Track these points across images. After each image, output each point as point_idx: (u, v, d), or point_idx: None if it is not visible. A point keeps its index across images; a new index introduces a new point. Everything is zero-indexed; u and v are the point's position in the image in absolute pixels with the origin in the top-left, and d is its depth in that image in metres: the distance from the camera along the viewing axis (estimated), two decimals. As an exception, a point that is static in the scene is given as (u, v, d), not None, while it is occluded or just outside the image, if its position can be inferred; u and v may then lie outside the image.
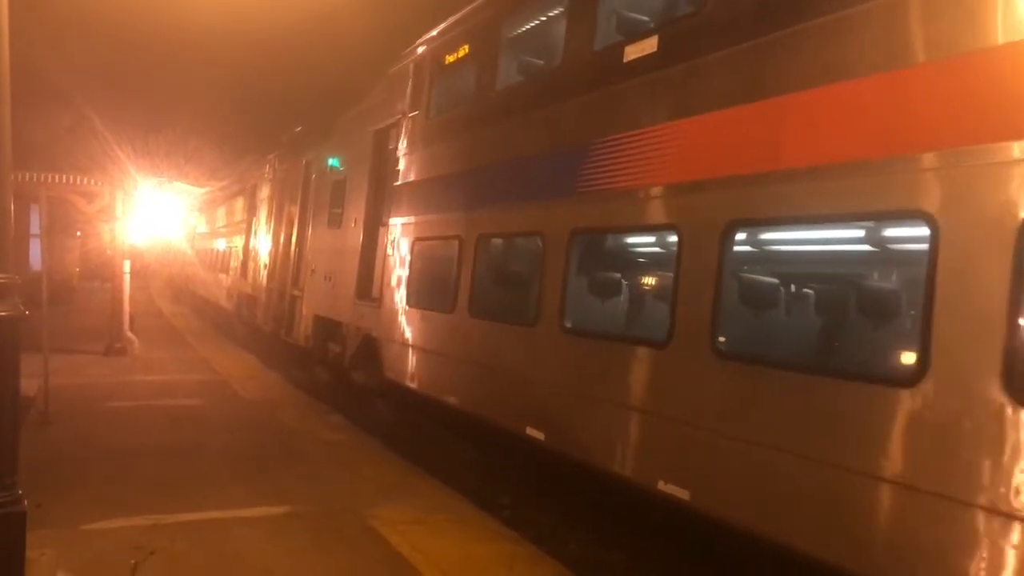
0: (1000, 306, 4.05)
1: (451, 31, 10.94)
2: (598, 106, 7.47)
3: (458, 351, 9.58)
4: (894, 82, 4.80)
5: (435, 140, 10.93)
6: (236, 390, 14.47)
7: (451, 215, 10.04)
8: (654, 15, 7.73)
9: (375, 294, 12.13)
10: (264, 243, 20.17)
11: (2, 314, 5.32)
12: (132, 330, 18.88)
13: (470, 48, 10.37)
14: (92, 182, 18.11)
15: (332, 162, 14.91)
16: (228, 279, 25.33)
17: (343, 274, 13.45)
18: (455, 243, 9.74)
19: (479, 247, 9.35)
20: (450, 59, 10.89)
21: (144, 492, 7.89)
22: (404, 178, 11.55)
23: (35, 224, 22.65)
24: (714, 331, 5.78)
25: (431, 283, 10.65)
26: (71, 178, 17.69)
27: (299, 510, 7.58)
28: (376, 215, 12.63)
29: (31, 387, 11.78)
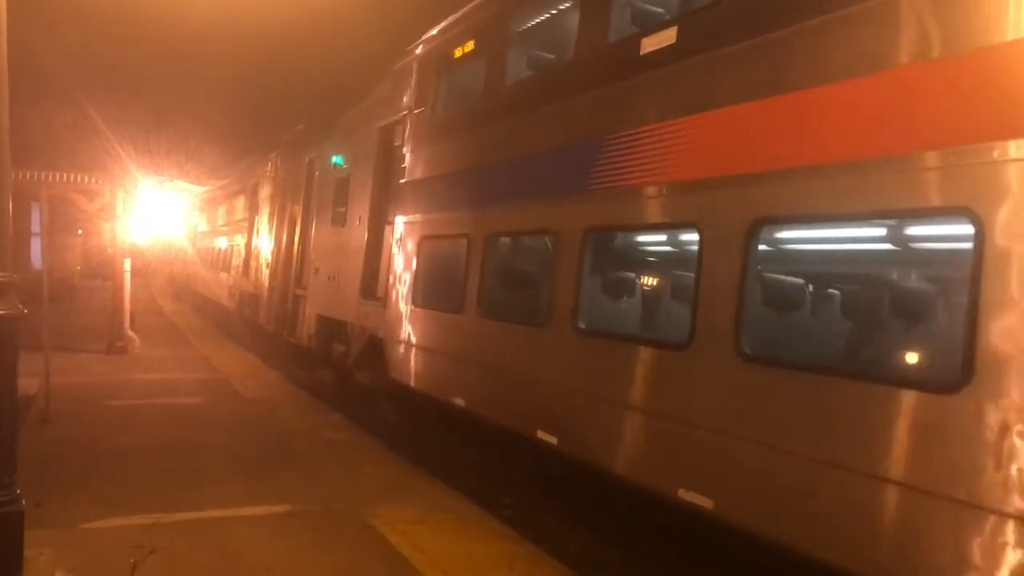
0: None
1: (459, 25, 10.68)
2: (613, 100, 7.24)
3: (466, 352, 9.39)
4: (941, 71, 4.52)
5: (442, 137, 10.72)
6: (237, 388, 14.47)
7: (459, 213, 9.85)
8: (672, 5, 7.48)
9: (380, 293, 11.98)
10: (266, 242, 20.06)
11: (0, 313, 5.30)
12: (133, 328, 18.87)
13: (479, 42, 10.11)
14: (93, 180, 18.10)
15: (336, 160, 14.69)
16: (230, 278, 25.26)
17: (347, 273, 13.26)
18: (463, 241, 9.55)
19: (488, 246, 9.15)
20: (458, 54, 10.66)
21: (144, 491, 7.88)
22: (410, 175, 11.35)
23: (36, 222, 22.67)
24: (739, 333, 5.53)
25: (438, 282, 10.46)
26: (72, 176, 17.68)
27: (299, 509, 7.57)
28: (381, 213, 12.43)
29: (32, 385, 11.78)
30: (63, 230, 27.21)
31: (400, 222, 11.46)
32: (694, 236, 6.12)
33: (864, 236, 6.03)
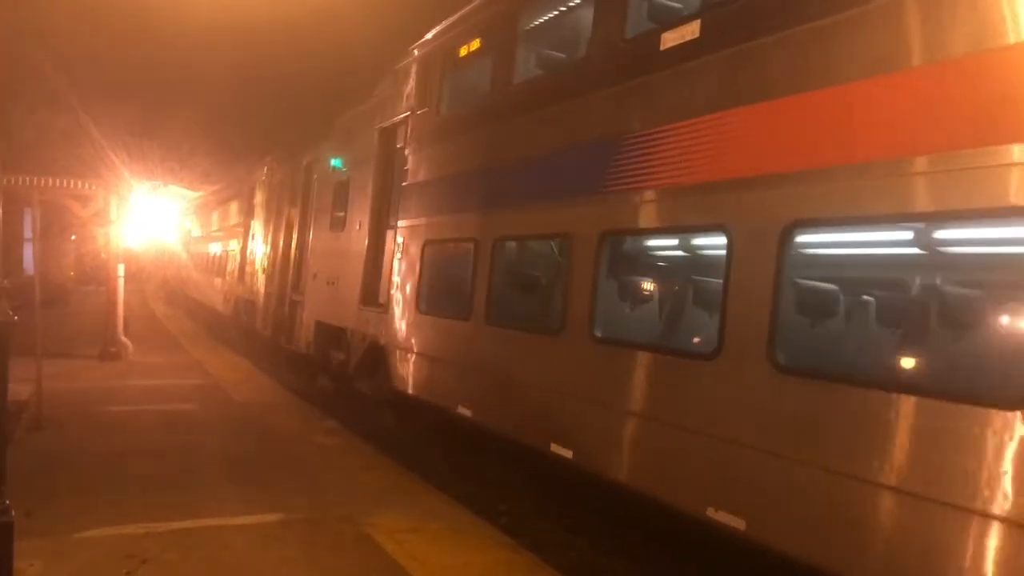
0: None
1: (465, 22, 10.40)
2: (632, 98, 6.94)
3: (473, 360, 9.10)
4: (1005, 61, 4.17)
5: (447, 137, 10.44)
6: (230, 394, 14.38)
7: (466, 216, 9.57)
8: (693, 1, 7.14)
9: (382, 300, 11.73)
10: (263, 246, 19.90)
11: (-10, 320, 5.23)
12: (126, 334, 18.77)
13: (486, 39, 9.84)
14: (86, 186, 17.99)
15: (334, 163, 14.43)
16: (225, 283, 25.12)
17: (347, 279, 13.01)
18: (470, 246, 9.30)
19: (497, 250, 8.87)
20: (463, 52, 10.38)
21: (137, 499, 7.80)
22: (413, 178, 11.08)
23: (29, 228, 22.55)
24: (772, 342, 5.22)
25: (444, 288, 10.23)
26: (65, 182, 17.57)
27: (294, 517, 7.49)
28: (382, 217, 12.18)
29: (24, 392, 11.69)
30: (56, 235, 27.12)
31: (402, 226, 11.20)
32: (722, 240, 5.83)
33: (912, 240, 5.70)
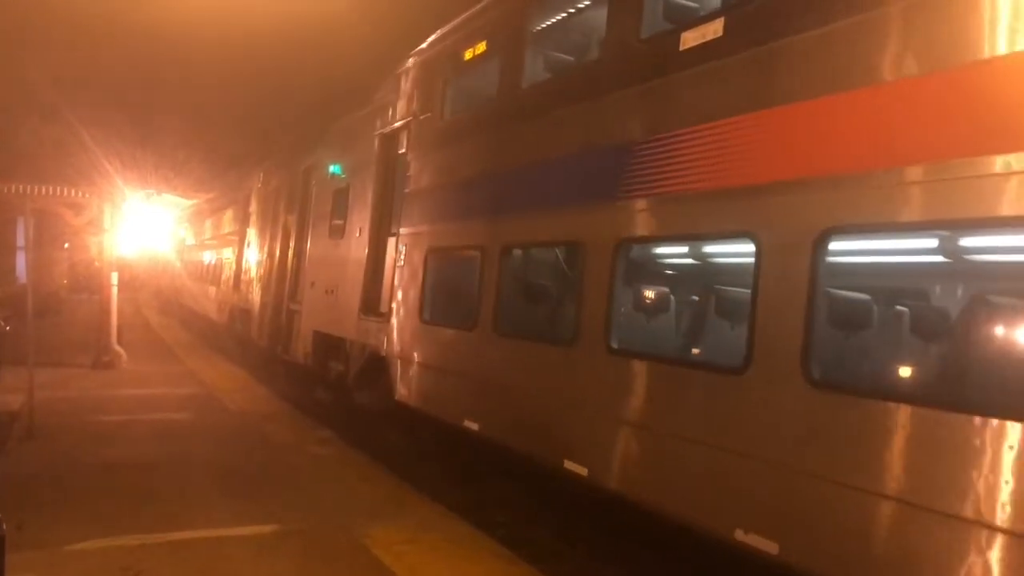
0: None
1: (469, 25, 10.09)
2: (649, 100, 6.67)
3: (480, 372, 8.78)
4: None
5: (451, 143, 10.15)
6: (224, 403, 14.30)
7: (472, 223, 9.28)
8: None
9: (383, 309, 11.41)
10: (259, 254, 19.64)
11: (-19, 330, 5.17)
12: (120, 343, 18.69)
13: (493, 42, 9.50)
14: (79, 194, 17.94)
15: (333, 169, 14.11)
16: (219, 292, 24.92)
17: (346, 287, 12.68)
18: (476, 254, 9.02)
19: (505, 258, 8.57)
20: (468, 56, 10.06)
21: (130, 510, 7.73)
22: (415, 184, 10.80)
23: (22, 236, 22.43)
24: (806, 356, 4.94)
25: (449, 297, 9.97)
26: (58, 190, 17.51)
27: (289, 528, 7.42)
28: (383, 224, 11.88)
29: (16, 401, 11.61)
30: (49, 244, 26.95)
31: (404, 233, 10.94)
32: (750, 247, 5.56)
33: (960, 248, 5.40)
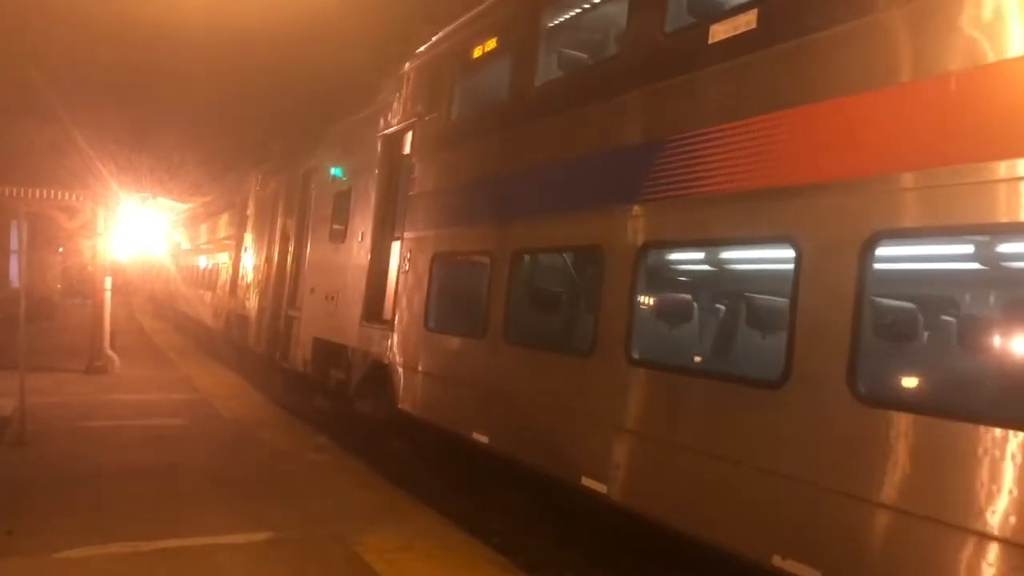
0: None
1: (480, 21, 9.80)
2: (675, 97, 6.36)
3: (490, 382, 8.47)
4: None
5: (459, 144, 9.83)
6: (218, 410, 14.20)
7: (480, 227, 8.97)
8: None
9: (386, 316, 11.09)
10: (256, 259, 19.39)
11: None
12: (113, 347, 18.58)
13: (505, 39, 9.20)
14: (73, 197, 17.85)
15: (334, 171, 13.78)
16: (215, 297, 24.66)
17: (348, 293, 12.35)
18: (485, 259, 8.74)
19: (515, 264, 8.26)
20: (477, 54, 9.75)
21: (122, 517, 7.65)
22: (420, 187, 10.50)
23: (15, 240, 22.34)
24: (853, 369, 4.62)
25: (456, 304, 9.72)
26: (52, 193, 17.43)
27: (282, 536, 7.34)
28: (386, 229, 11.55)
29: (7, 406, 11.52)
30: (43, 248, 26.90)
31: (409, 238, 10.63)
32: (788, 253, 5.25)
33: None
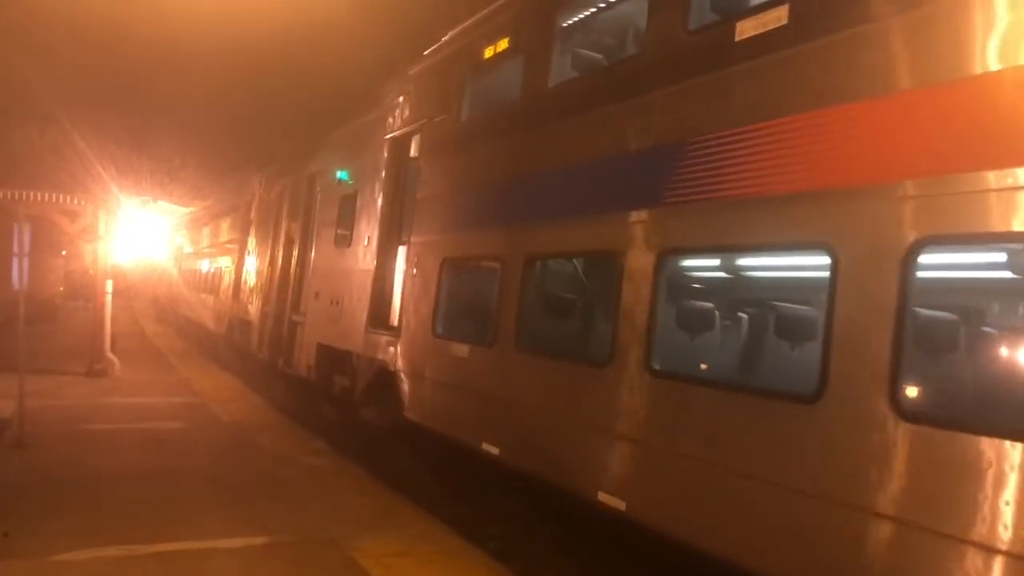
0: None
1: (491, 21, 9.58)
2: (699, 97, 6.12)
3: (501, 392, 8.24)
4: None
5: (469, 146, 9.64)
6: (217, 413, 14.21)
7: (492, 232, 8.76)
8: None
9: (393, 322, 10.90)
10: (260, 263, 19.24)
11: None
12: (114, 351, 18.61)
13: (517, 38, 8.97)
14: (74, 201, 17.89)
15: (340, 175, 13.58)
16: (218, 301, 24.49)
17: (353, 299, 12.13)
18: (496, 264, 8.57)
19: (529, 269, 8.05)
20: (489, 54, 9.53)
21: (119, 520, 7.66)
22: (429, 191, 10.29)
23: (18, 243, 22.35)
24: (896, 384, 4.39)
25: (465, 311, 9.53)
26: (53, 196, 17.47)
27: (279, 540, 7.35)
28: (393, 233, 11.37)
29: (7, 408, 11.53)
30: (46, 251, 26.95)
31: (416, 242, 10.42)
32: (823, 260, 5.02)
33: None
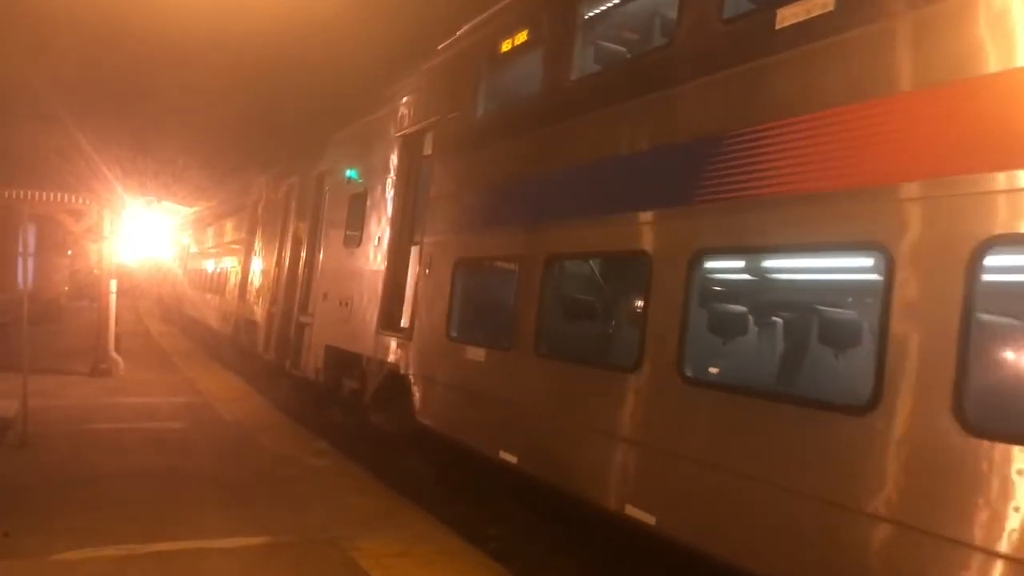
0: None
1: (507, 15, 9.35)
2: (736, 88, 5.88)
3: (519, 397, 8.01)
4: None
5: (486, 143, 9.37)
6: (221, 413, 14.22)
7: (510, 231, 8.50)
8: None
9: (404, 324, 10.65)
10: (267, 263, 19.14)
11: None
12: (118, 350, 18.63)
13: (537, 30, 8.73)
14: (79, 200, 17.94)
15: (350, 173, 13.36)
16: (224, 302, 24.48)
17: (363, 300, 11.97)
18: (514, 265, 8.39)
19: (549, 270, 7.81)
20: (506, 47, 9.30)
21: (119, 520, 7.66)
22: (442, 189, 10.08)
23: (29, 243, 22.43)
24: (960, 395, 4.16)
25: (481, 313, 9.37)
26: (58, 196, 17.52)
27: (278, 540, 7.35)
28: (404, 232, 11.17)
29: (11, 408, 11.55)
30: (51, 251, 27.02)
31: (429, 242, 10.17)
32: (878, 262, 4.83)
33: None
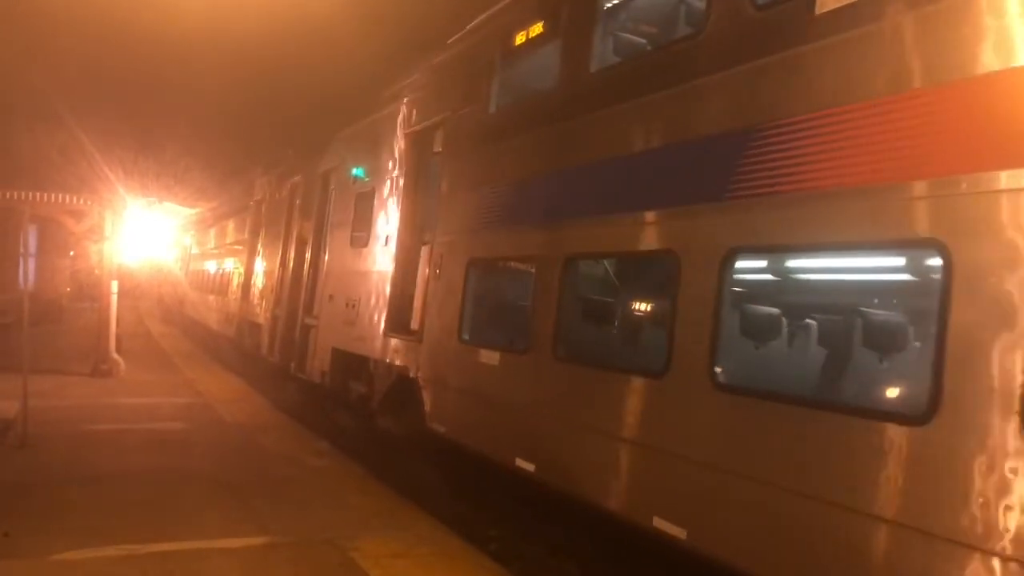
0: None
1: (523, 4, 9.09)
2: (773, 78, 5.58)
3: (536, 403, 7.76)
4: None
5: (499, 139, 9.09)
6: (221, 414, 14.22)
7: (525, 230, 8.24)
8: None
9: (413, 327, 10.39)
10: (270, 264, 19.00)
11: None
12: (119, 351, 18.66)
13: (554, 22, 8.46)
14: (81, 201, 17.97)
15: (356, 172, 13.10)
16: (227, 303, 24.37)
17: (370, 301, 11.73)
18: (530, 265, 8.22)
19: (567, 271, 7.55)
20: (520, 40, 9.07)
21: (119, 520, 7.66)
22: (453, 187, 9.82)
23: (31, 244, 22.45)
24: None
25: (495, 315, 9.17)
26: (60, 197, 17.55)
27: (278, 541, 7.35)
28: (413, 232, 10.94)
29: (11, 408, 11.56)
30: (52, 251, 27.05)
31: (440, 242, 9.90)
32: (934, 262, 4.54)
33: None
